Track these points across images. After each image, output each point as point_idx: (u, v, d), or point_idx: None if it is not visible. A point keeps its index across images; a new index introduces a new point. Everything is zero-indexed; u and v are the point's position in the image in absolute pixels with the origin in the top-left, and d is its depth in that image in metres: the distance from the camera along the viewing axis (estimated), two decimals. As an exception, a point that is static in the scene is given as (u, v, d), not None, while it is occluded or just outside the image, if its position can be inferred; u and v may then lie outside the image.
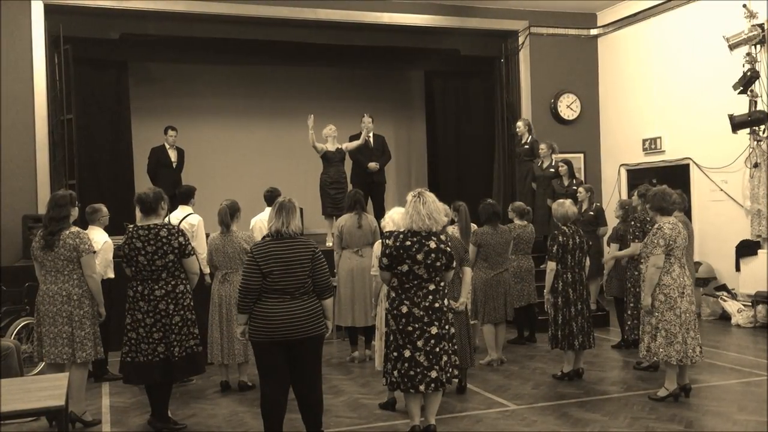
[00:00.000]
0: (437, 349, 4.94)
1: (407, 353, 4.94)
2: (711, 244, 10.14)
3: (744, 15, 9.38)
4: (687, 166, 10.70)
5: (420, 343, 4.92)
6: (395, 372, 5.00)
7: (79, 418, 5.65)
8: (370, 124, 10.11)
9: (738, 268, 9.67)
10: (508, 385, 6.68)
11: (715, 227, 10.14)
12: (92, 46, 10.57)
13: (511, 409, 5.94)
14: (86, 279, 5.56)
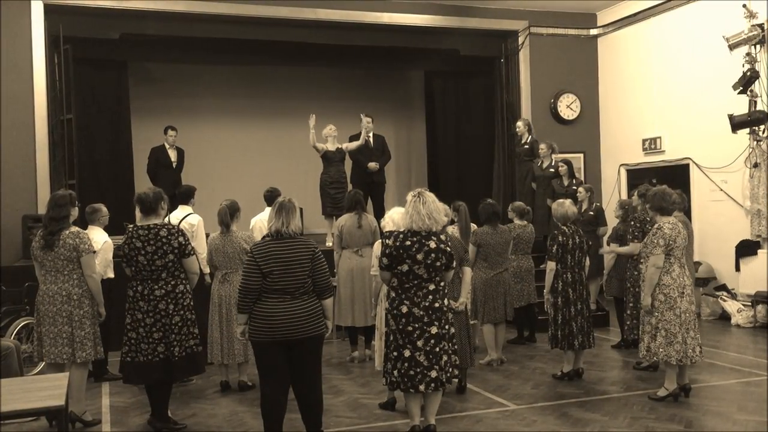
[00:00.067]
0: (437, 349, 4.94)
1: (407, 353, 4.94)
2: (711, 244, 10.14)
3: (744, 15, 9.38)
4: (687, 166, 10.70)
5: (420, 343, 4.92)
6: (395, 372, 5.00)
7: (79, 417, 5.65)
8: (369, 124, 10.12)
9: (738, 268, 9.68)
10: (508, 385, 6.68)
11: (715, 227, 10.14)
12: (92, 46, 10.57)
13: (510, 409, 5.94)
14: (86, 279, 5.56)
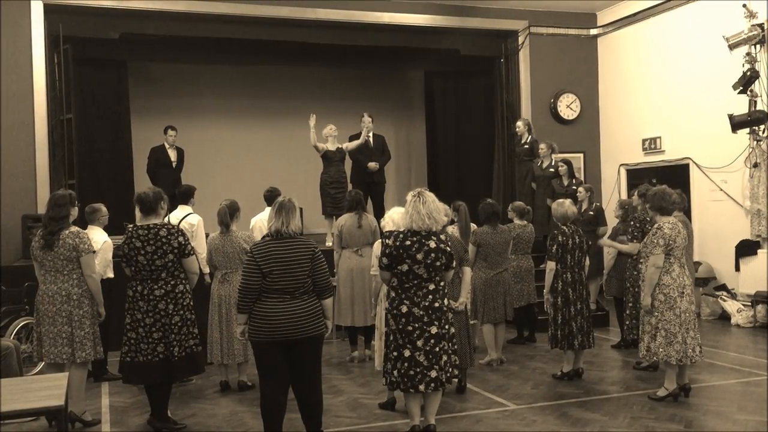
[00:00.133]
0: (437, 349, 4.94)
1: (407, 353, 4.94)
2: (711, 243, 10.14)
3: (744, 15, 9.38)
4: (687, 165, 10.70)
5: (420, 343, 4.92)
6: (395, 372, 5.00)
7: (78, 417, 5.65)
8: (370, 123, 10.11)
9: (738, 267, 9.67)
10: (508, 385, 6.68)
11: (715, 227, 10.14)
12: (92, 45, 10.57)
13: (510, 409, 5.94)
14: (86, 279, 5.56)
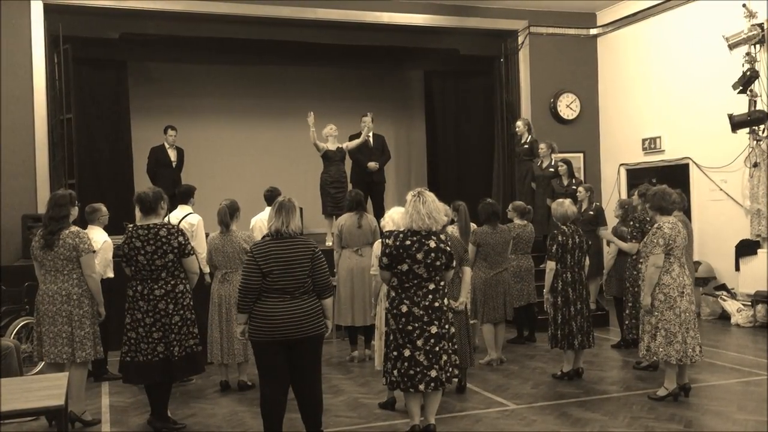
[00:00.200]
0: (437, 349, 4.94)
1: (407, 352, 4.94)
2: (711, 243, 10.14)
3: (743, 15, 9.38)
4: (686, 165, 10.70)
5: (420, 343, 4.92)
6: (395, 371, 5.00)
7: (78, 417, 5.65)
8: (370, 123, 10.12)
9: (737, 267, 9.68)
10: (508, 385, 6.68)
11: (715, 227, 10.14)
12: (92, 45, 10.56)
13: (510, 409, 5.94)
14: (86, 278, 5.56)
